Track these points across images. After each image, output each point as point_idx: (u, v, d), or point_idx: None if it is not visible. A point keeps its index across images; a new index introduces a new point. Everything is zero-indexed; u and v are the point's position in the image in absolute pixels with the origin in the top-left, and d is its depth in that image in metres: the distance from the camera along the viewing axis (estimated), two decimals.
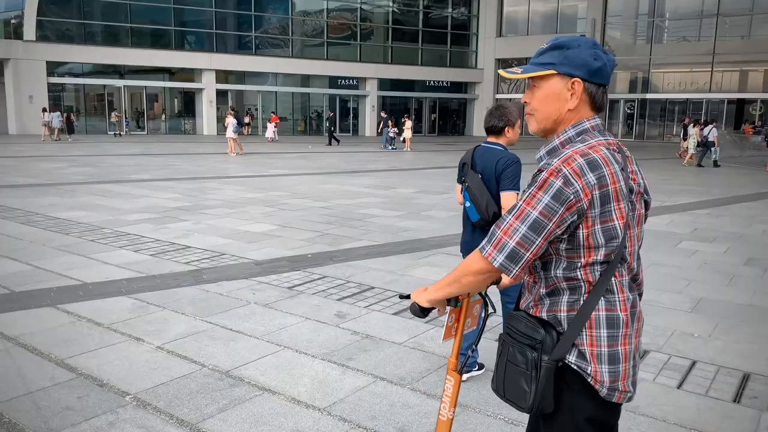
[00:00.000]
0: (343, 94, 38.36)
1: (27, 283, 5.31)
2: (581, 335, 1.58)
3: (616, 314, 1.59)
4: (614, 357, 1.58)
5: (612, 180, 1.54)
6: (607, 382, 1.58)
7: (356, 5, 37.72)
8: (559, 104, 1.64)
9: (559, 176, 1.52)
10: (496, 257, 1.56)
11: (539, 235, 1.53)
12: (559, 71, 1.63)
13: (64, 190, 11.20)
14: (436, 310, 1.84)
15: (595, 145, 1.58)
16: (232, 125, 20.62)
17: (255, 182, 12.99)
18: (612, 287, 1.59)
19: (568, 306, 1.60)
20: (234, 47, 35.07)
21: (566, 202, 1.51)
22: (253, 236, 7.47)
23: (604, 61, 1.62)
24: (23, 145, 22.96)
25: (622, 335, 1.59)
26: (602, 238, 1.55)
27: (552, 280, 1.62)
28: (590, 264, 1.57)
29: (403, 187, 12.53)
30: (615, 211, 1.55)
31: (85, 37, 31.39)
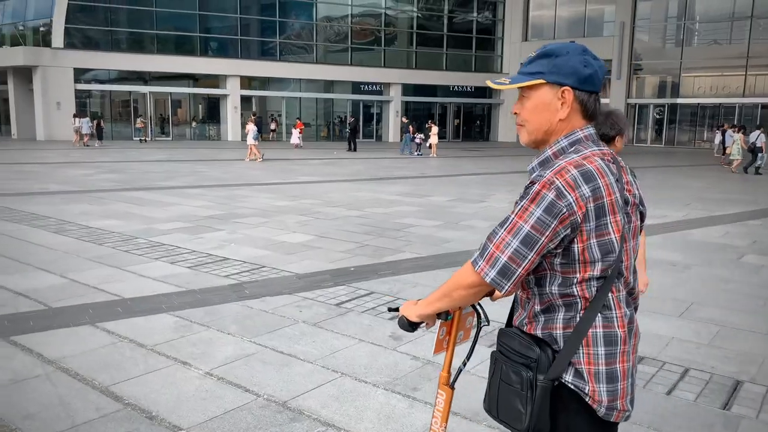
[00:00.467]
0: (367, 100, 38.17)
1: (63, 297, 5.08)
2: (578, 353, 1.53)
3: (613, 331, 1.54)
4: (612, 375, 1.53)
5: (607, 192, 1.48)
6: (606, 402, 1.53)
7: (380, 10, 37.56)
8: (550, 114, 1.58)
9: (551, 189, 1.46)
10: (488, 272, 1.51)
11: (531, 250, 1.47)
12: (548, 80, 1.57)
13: (94, 197, 11.06)
14: (424, 324, 1.77)
15: (590, 155, 1.53)
16: (253, 131, 20.57)
17: (285, 189, 12.76)
18: (609, 303, 1.54)
19: (564, 323, 1.54)
20: (258, 53, 35.08)
21: (559, 215, 1.45)
22: (291, 247, 7.19)
23: (594, 68, 1.57)
24: (51, 151, 23.08)
25: (620, 352, 1.54)
26: (598, 253, 1.49)
27: (547, 297, 1.56)
28: (586, 280, 1.51)
29: (436, 195, 12.19)
30: (611, 225, 1.49)
31: (111, 44, 31.63)
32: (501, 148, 32.96)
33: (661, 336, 4.43)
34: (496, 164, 21.74)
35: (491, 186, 14.16)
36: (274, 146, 30.01)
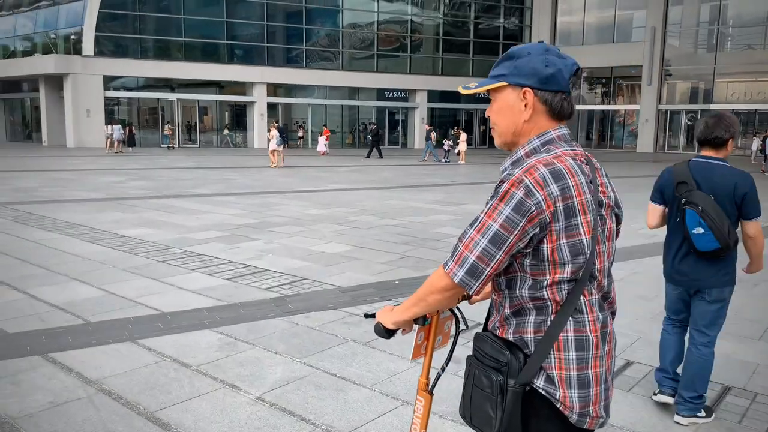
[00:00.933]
0: (392, 107, 37.99)
1: (101, 311, 4.88)
2: (549, 358, 1.50)
3: (585, 335, 1.50)
4: (584, 381, 1.50)
5: (577, 192, 1.47)
6: (577, 408, 1.49)
7: (406, 17, 37.39)
8: (514, 116, 1.57)
9: (520, 187, 1.45)
10: (456, 272, 1.49)
11: (500, 249, 1.45)
12: (509, 82, 1.57)
13: (126, 205, 10.96)
14: (401, 330, 1.74)
15: (561, 155, 1.51)
16: (276, 138, 20.57)
17: (316, 197, 12.54)
18: (581, 307, 1.51)
19: (535, 327, 1.51)
20: (284, 60, 35.13)
21: (527, 214, 1.43)
22: (330, 258, 6.93)
23: (558, 67, 1.53)
24: (81, 158, 23.25)
25: (592, 357, 1.51)
26: (568, 254, 1.47)
27: (517, 300, 1.53)
28: (557, 282, 1.49)
29: (471, 203, 11.86)
30: (582, 225, 1.47)
31: (140, 51, 31.92)
32: None
33: (746, 363, 4.06)
34: None
35: None
36: (300, 153, 29.94)
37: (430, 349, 1.84)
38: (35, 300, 5.15)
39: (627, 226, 9.30)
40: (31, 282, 5.70)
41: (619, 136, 38.67)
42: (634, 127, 37.52)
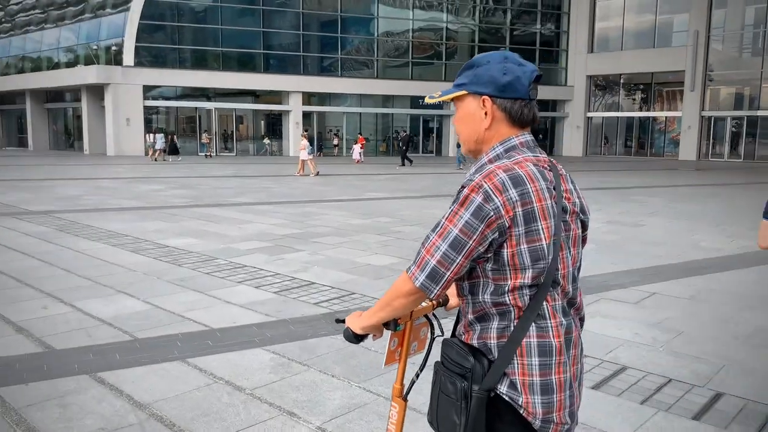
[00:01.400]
0: (426, 114, 37.74)
1: (148, 326, 4.71)
2: (512, 364, 1.50)
3: (548, 341, 1.51)
4: (547, 387, 1.50)
5: (537, 197, 1.48)
6: (540, 414, 1.49)
7: (441, 24, 37.18)
8: (476, 124, 1.60)
9: (479, 192, 1.47)
10: (418, 277, 1.51)
11: (459, 254, 1.47)
12: (469, 90, 1.59)
13: (167, 213, 10.92)
14: (371, 336, 1.74)
15: (522, 160, 1.53)
16: (308, 147, 20.70)
17: (356, 207, 12.33)
18: (544, 312, 1.51)
19: (498, 332, 1.52)
20: (319, 69, 35.22)
21: (486, 218, 1.45)
22: (377, 271, 6.69)
23: (516, 75, 1.55)
24: (121, 166, 23.58)
25: (555, 363, 1.51)
26: (528, 259, 1.48)
27: (480, 305, 1.55)
28: (518, 288, 1.50)
29: None
30: (542, 230, 1.48)
31: (178, 61, 32.37)
32: (567, 162, 31.80)
33: None
34: None
35: None
36: (335, 161, 29.88)
37: (404, 355, 1.83)
38: (82, 314, 5.02)
39: (686, 238, 8.89)
40: (78, 294, 5.58)
41: (660, 143, 37.67)
42: (675, 135, 36.50)
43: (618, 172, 24.57)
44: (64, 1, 35.51)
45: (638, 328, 4.82)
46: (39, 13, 37.11)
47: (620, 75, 38.10)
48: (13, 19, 38.98)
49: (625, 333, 4.69)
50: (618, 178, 21.73)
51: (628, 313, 5.22)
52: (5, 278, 6.15)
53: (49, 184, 16.12)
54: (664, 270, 6.89)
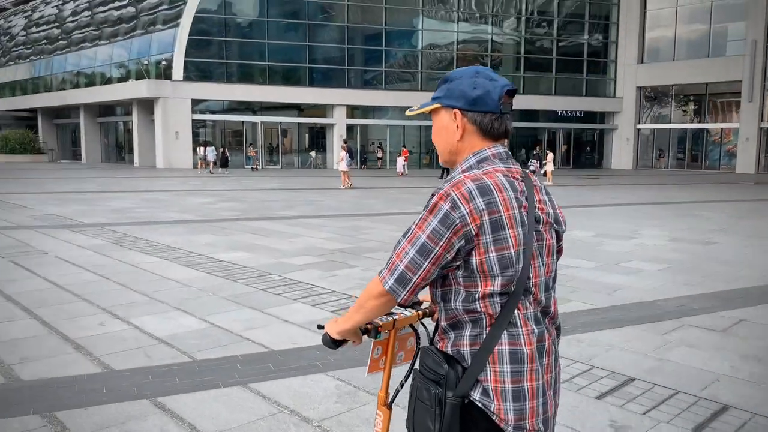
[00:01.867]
0: None
1: (206, 346, 4.54)
2: (485, 371, 1.52)
3: (520, 349, 1.53)
4: (519, 394, 1.52)
5: (505, 207, 1.52)
6: (512, 421, 1.51)
7: (486, 36, 36.84)
8: (449, 136, 1.65)
9: (447, 200, 1.51)
10: (387, 280, 1.55)
11: (426, 259, 1.51)
12: (442, 104, 1.64)
13: (217, 227, 10.89)
14: (350, 342, 1.76)
15: (492, 171, 1.56)
16: (346, 159, 20.61)
17: (406, 221, 12.04)
18: (515, 320, 1.53)
19: (471, 340, 1.55)
20: (363, 82, 35.30)
21: (452, 226, 1.49)
22: None
23: (486, 89, 1.59)
24: (171, 179, 23.97)
25: (527, 371, 1.53)
26: (497, 267, 1.51)
27: (452, 312, 1.57)
28: (488, 295, 1.52)
29: (575, 229, 11.04)
30: (510, 239, 1.51)
31: (225, 75, 32.91)
32: (618, 176, 30.91)
33: None
34: (624, 194, 20.07)
35: (632, 219, 12.78)
36: (379, 174, 29.79)
37: (389, 364, 1.85)
38: (139, 331, 4.89)
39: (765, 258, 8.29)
40: (134, 311, 5.48)
41: (715, 156, 36.29)
42: (732, 147, 35.10)
43: (672, 186, 23.69)
44: (117, 18, 36.64)
45: (733, 359, 4.39)
46: (93, 30, 38.37)
47: (672, 86, 36.95)
48: (69, 37, 40.43)
49: (719, 365, 4.27)
50: (673, 192, 20.92)
51: (718, 341, 4.79)
52: (63, 292, 6.11)
53: (102, 197, 16.42)
54: (750, 293, 6.39)
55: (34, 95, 41.62)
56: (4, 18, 49.59)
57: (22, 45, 45.33)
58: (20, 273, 7.00)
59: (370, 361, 1.85)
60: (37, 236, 9.65)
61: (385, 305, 1.61)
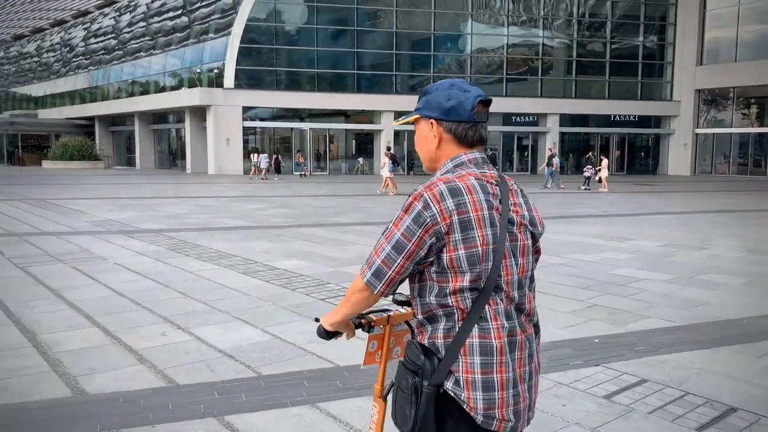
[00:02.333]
0: (521, 131, 36.67)
1: (271, 360, 4.39)
2: (457, 362, 1.61)
3: (489, 342, 1.61)
4: (489, 384, 1.60)
5: (474, 207, 1.61)
6: (481, 410, 1.59)
7: (537, 39, 36.16)
8: (428, 144, 1.77)
9: (420, 200, 1.62)
10: (366, 274, 1.67)
11: (400, 255, 1.62)
12: (421, 114, 1.77)
13: (272, 233, 10.84)
14: (345, 335, 1.88)
15: (465, 175, 1.66)
16: (389, 165, 20.50)
17: None
18: (486, 315, 1.61)
19: (444, 333, 1.64)
20: (411, 88, 35.15)
21: (424, 224, 1.60)
22: None
23: (459, 100, 1.70)
24: (222, 185, 24.30)
25: (497, 363, 1.60)
26: (466, 263, 1.60)
27: (427, 306, 1.67)
28: (459, 290, 1.62)
29: (640, 239, 10.52)
30: (478, 238, 1.60)
31: (275, 83, 33.29)
32: (675, 182, 29.76)
33: None
34: (685, 201, 19.23)
35: (699, 228, 12.14)
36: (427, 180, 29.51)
37: (384, 358, 1.95)
38: (201, 343, 4.78)
39: None
40: (194, 320, 5.39)
41: None
42: None
43: (735, 193, 22.61)
44: (171, 28, 37.59)
45: None
46: (148, 40, 39.48)
47: (733, 88, 35.44)
48: (125, 47, 41.73)
49: None
50: (737, 199, 19.93)
51: None
52: (123, 300, 6.09)
53: (157, 203, 16.70)
54: None
55: (91, 104, 43.11)
56: (65, 30, 51.58)
57: (81, 56, 47.06)
58: (81, 279, 7.05)
59: (365, 354, 1.96)
60: (96, 242, 9.78)
61: (368, 298, 1.71)
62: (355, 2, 33.60)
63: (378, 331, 1.93)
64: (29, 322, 5.29)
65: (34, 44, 55.89)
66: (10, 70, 59.01)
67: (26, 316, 5.50)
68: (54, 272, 7.40)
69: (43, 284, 6.77)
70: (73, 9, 49.47)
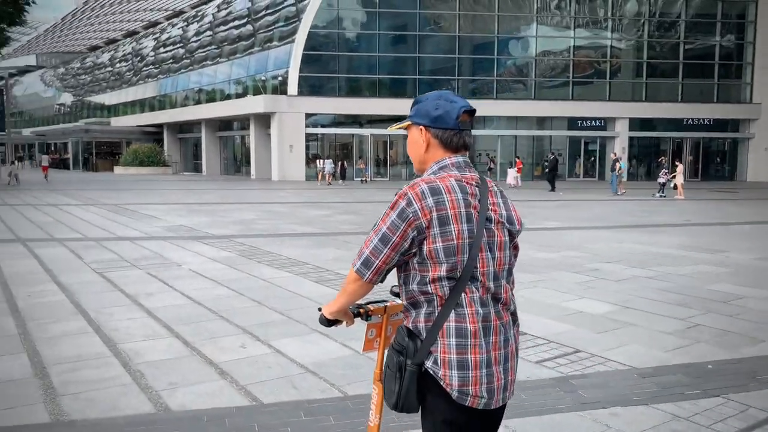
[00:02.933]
0: (588, 136, 35.49)
1: (355, 378, 4.16)
2: (436, 343, 1.80)
3: (464, 326, 1.79)
4: (463, 364, 1.78)
5: (452, 205, 1.80)
6: (456, 386, 1.77)
7: (605, 41, 34.95)
8: (418, 148, 1.98)
9: (404, 198, 1.82)
10: (357, 264, 1.87)
11: (386, 246, 1.82)
12: (412, 122, 1.99)
13: (340, 240, 10.70)
14: (345, 323, 2.08)
15: (446, 176, 1.86)
16: None
17: (534, 237, 11.30)
18: (462, 302, 1.80)
19: (426, 317, 1.84)
20: (473, 92, 34.65)
21: (407, 219, 1.80)
22: (595, 321, 5.69)
23: (446, 109, 1.91)
24: (286, 191, 24.53)
25: (471, 345, 1.78)
26: (443, 254, 1.79)
27: (411, 293, 1.86)
28: (437, 279, 1.81)
29: (731, 250, 9.78)
30: (454, 232, 1.79)
31: (337, 89, 33.47)
32: (757, 189, 28.02)
33: None
34: None
35: None
36: None
37: (382, 344, 2.15)
38: (281, 356, 4.61)
39: None
40: (272, 331, 5.24)
41: None
42: None
43: None
44: (237, 37, 38.44)
45: None
46: (214, 49, 40.53)
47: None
48: (192, 56, 42.99)
49: None
50: None
51: None
52: (200, 309, 6.02)
53: (224, 208, 16.93)
54: None
55: (160, 111, 44.61)
56: (136, 40, 53.72)
57: (151, 65, 48.82)
58: (157, 286, 7.06)
59: (364, 340, 2.15)
60: (169, 247, 9.89)
61: (361, 287, 1.90)
62: (417, 7, 33.42)
63: (376, 320, 2.12)
64: (109, 330, 5.27)
65: (108, 55, 58.46)
66: (86, 80, 61.89)
67: (106, 323, 5.49)
68: (130, 278, 7.45)
69: (120, 290, 6.81)
70: (144, 20, 51.47)
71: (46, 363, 4.45)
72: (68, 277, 7.50)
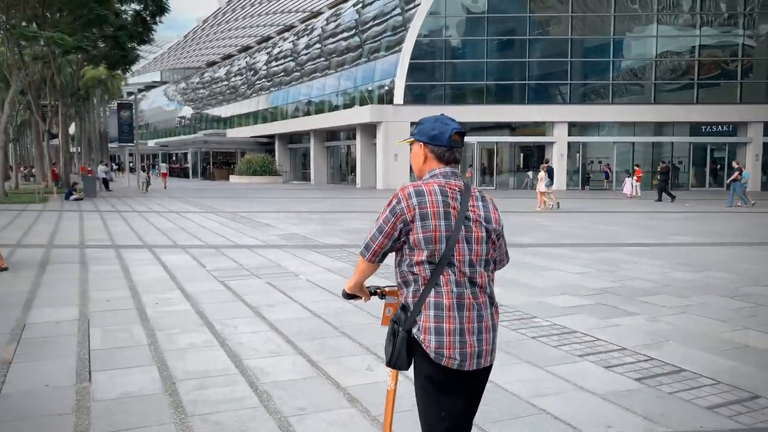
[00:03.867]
0: (714, 142, 32.72)
1: (496, 416, 3.75)
2: (420, 314, 2.27)
3: (441, 301, 2.25)
4: (439, 330, 2.23)
5: (432, 205, 2.26)
6: (433, 348, 2.23)
7: (736, 39, 32.12)
8: (419, 160, 2.45)
9: (396, 198, 2.30)
10: (361, 247, 2.39)
11: (380, 234, 2.31)
12: (415, 138, 2.46)
13: None
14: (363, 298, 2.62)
15: (431, 182, 2.33)
16: (544, 180, 19.42)
17: (667, 254, 10.31)
18: (440, 282, 2.25)
19: (413, 293, 2.30)
20: (585, 97, 33.04)
21: (396, 214, 2.28)
22: (762, 358, 4.89)
23: (441, 130, 2.38)
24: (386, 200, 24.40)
25: (446, 316, 2.24)
26: (423, 243, 2.25)
27: (402, 273, 2.34)
28: (421, 262, 2.26)
29: None
30: (432, 226, 2.24)
31: (442, 97, 33.12)
32: None
33: None
34: None
35: None
36: (605, 196, 27.40)
37: None
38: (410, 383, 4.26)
39: None
40: None
41: None
42: None
43: None
44: (345, 48, 39.20)
45: None
46: (323, 61, 41.57)
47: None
48: (302, 68, 44.38)
49: None
50: None
51: None
52: (321, 324, 5.85)
53: (335, 217, 17.04)
54: None
55: (272, 123, 46.39)
56: (250, 55, 56.37)
57: (264, 78, 50.98)
58: (277, 296, 7.01)
59: (383, 317, 2.60)
60: (285, 256, 9.93)
61: (367, 267, 2.43)
62: (527, 11, 32.43)
63: (391, 299, 2.56)
64: (234, 344, 5.20)
65: (224, 69, 61.81)
66: (204, 93, 65.82)
67: (231, 336, 5.43)
68: (251, 288, 7.47)
69: (242, 300, 6.81)
70: (257, 35, 53.90)
71: (175, 378, 4.40)
72: (192, 285, 7.64)
